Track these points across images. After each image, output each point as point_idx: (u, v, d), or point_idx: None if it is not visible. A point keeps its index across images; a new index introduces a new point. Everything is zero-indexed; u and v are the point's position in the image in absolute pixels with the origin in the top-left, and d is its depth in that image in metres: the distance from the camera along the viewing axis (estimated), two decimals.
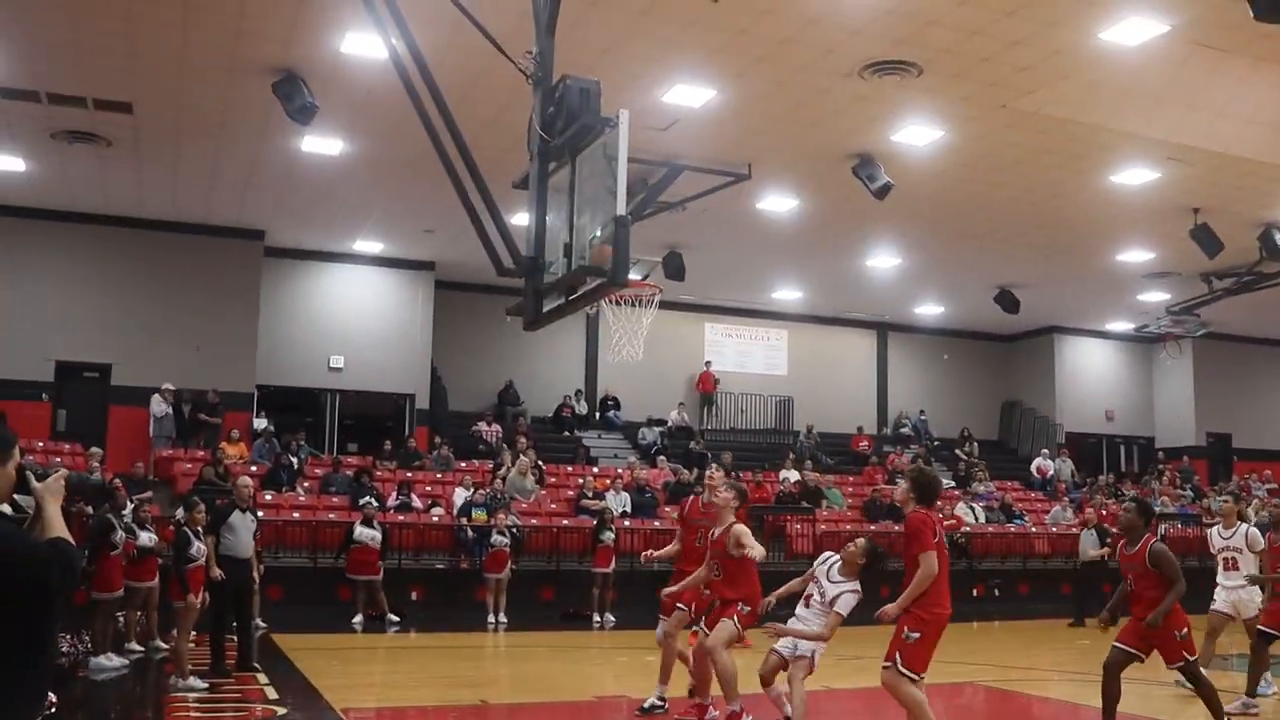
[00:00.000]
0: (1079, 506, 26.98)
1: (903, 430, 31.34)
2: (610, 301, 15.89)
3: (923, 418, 31.88)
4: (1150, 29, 13.43)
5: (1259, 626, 10.81)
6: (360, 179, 19.63)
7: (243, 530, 12.31)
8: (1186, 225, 20.62)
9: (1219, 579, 11.86)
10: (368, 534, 17.91)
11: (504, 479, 21.90)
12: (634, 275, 18.14)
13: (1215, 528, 12.02)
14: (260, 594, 15.29)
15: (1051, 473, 29.90)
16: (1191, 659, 8.49)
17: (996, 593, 23.75)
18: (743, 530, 8.63)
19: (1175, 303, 26.60)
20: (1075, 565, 22.10)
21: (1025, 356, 33.44)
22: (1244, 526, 11.80)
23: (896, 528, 23.53)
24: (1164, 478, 30.65)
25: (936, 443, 31.19)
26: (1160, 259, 24.04)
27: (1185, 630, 8.41)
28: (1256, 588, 11.44)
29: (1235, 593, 11.69)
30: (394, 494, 20.81)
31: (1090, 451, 33.04)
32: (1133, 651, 8.56)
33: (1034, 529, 25.71)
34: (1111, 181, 19.08)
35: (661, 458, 25.77)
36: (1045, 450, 30.70)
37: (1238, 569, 11.69)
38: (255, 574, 12.94)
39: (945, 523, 24.57)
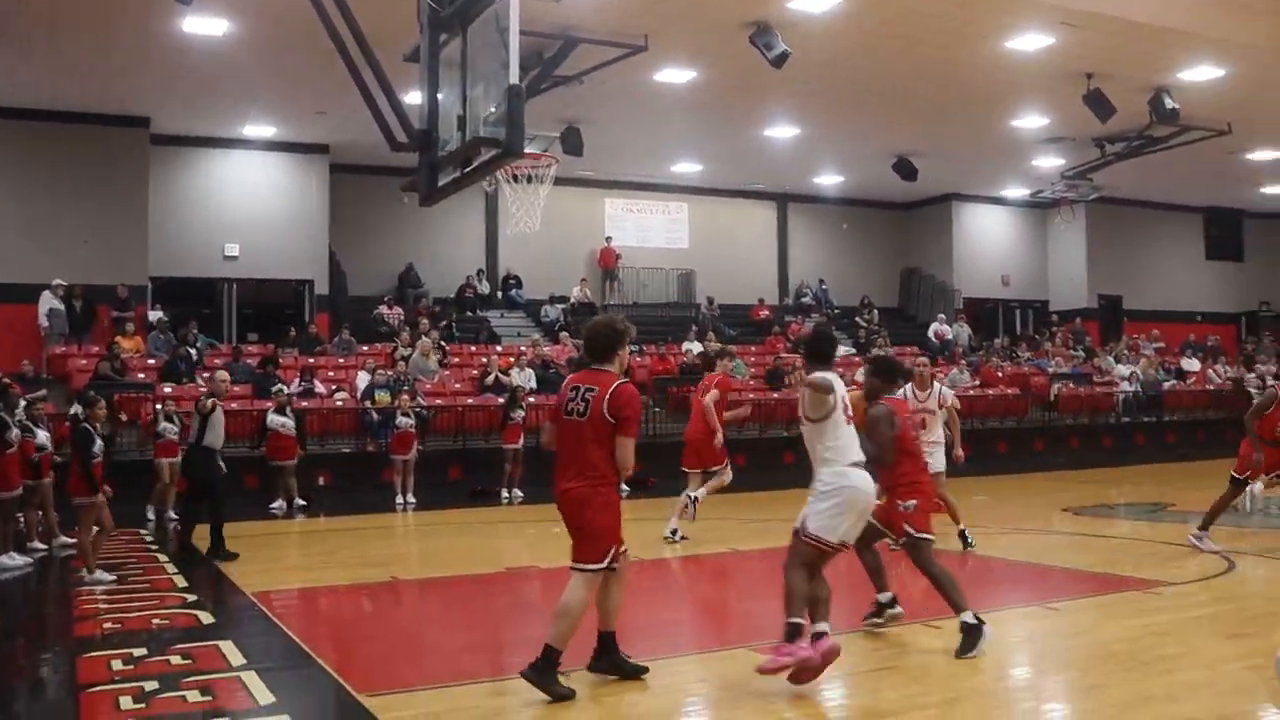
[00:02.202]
0: (976, 369, 27.60)
1: (803, 300, 31.65)
2: (507, 177, 15.82)
3: (823, 287, 32.20)
4: None
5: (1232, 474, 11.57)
6: (246, 60, 19.01)
7: (218, 423, 12.73)
8: (1080, 90, 20.83)
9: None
10: (279, 421, 17.78)
11: (407, 361, 21.79)
12: (532, 150, 18.04)
13: (909, 387, 11.36)
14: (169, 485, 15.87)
15: (949, 337, 30.46)
16: (918, 535, 7.66)
17: None
18: None
19: (1069, 168, 27.02)
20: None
21: (923, 224, 33.83)
22: (937, 387, 11.71)
23: (797, 395, 23.89)
24: (1057, 339, 31.39)
25: (837, 311, 31.58)
26: (1055, 124, 24.30)
27: (913, 503, 7.66)
28: (941, 446, 11.58)
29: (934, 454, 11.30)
30: (297, 380, 20.61)
31: (987, 316, 33.69)
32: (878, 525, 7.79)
33: None
34: (1007, 47, 19.15)
35: (564, 334, 25.80)
36: (942, 315, 31.23)
37: (924, 428, 11.19)
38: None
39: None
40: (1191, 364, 31.18)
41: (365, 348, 23.59)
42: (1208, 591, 9.38)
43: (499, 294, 28.22)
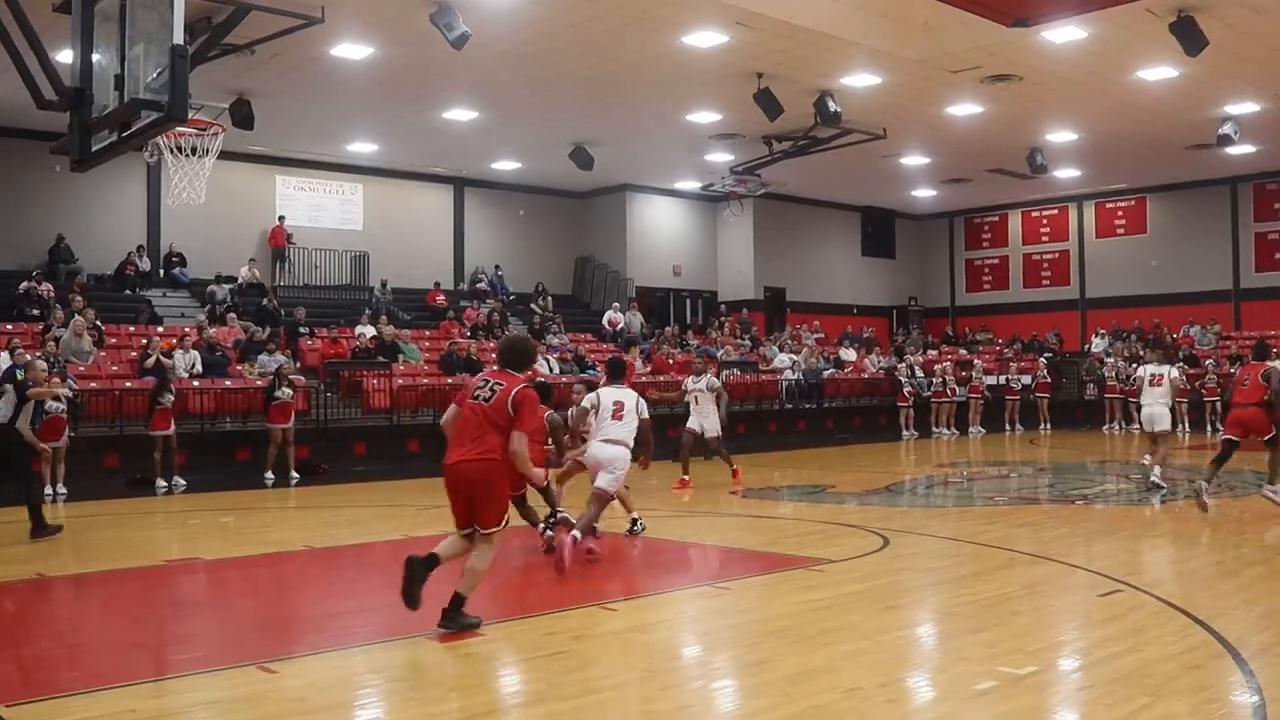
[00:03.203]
0: (648, 356, 28.20)
1: (479, 285, 31.55)
2: (170, 146, 14.98)
3: (499, 272, 32.20)
4: None
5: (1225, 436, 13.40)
6: None
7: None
8: (751, 89, 21.61)
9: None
10: None
11: (58, 342, 20.34)
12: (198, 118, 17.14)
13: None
14: None
15: (622, 324, 31.04)
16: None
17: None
18: None
19: (739, 163, 27.99)
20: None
21: (598, 213, 34.33)
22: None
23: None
24: (725, 329, 32.50)
25: (512, 297, 31.64)
26: (726, 121, 25.09)
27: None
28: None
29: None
30: None
31: (659, 305, 34.52)
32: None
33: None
34: (683, 42, 19.60)
35: (232, 315, 24.74)
36: (616, 304, 31.79)
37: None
38: None
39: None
40: (849, 354, 32.94)
41: (9, 326, 21.86)
42: (865, 568, 9.84)
43: (161, 272, 26.77)
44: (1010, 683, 6.13)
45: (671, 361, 28.32)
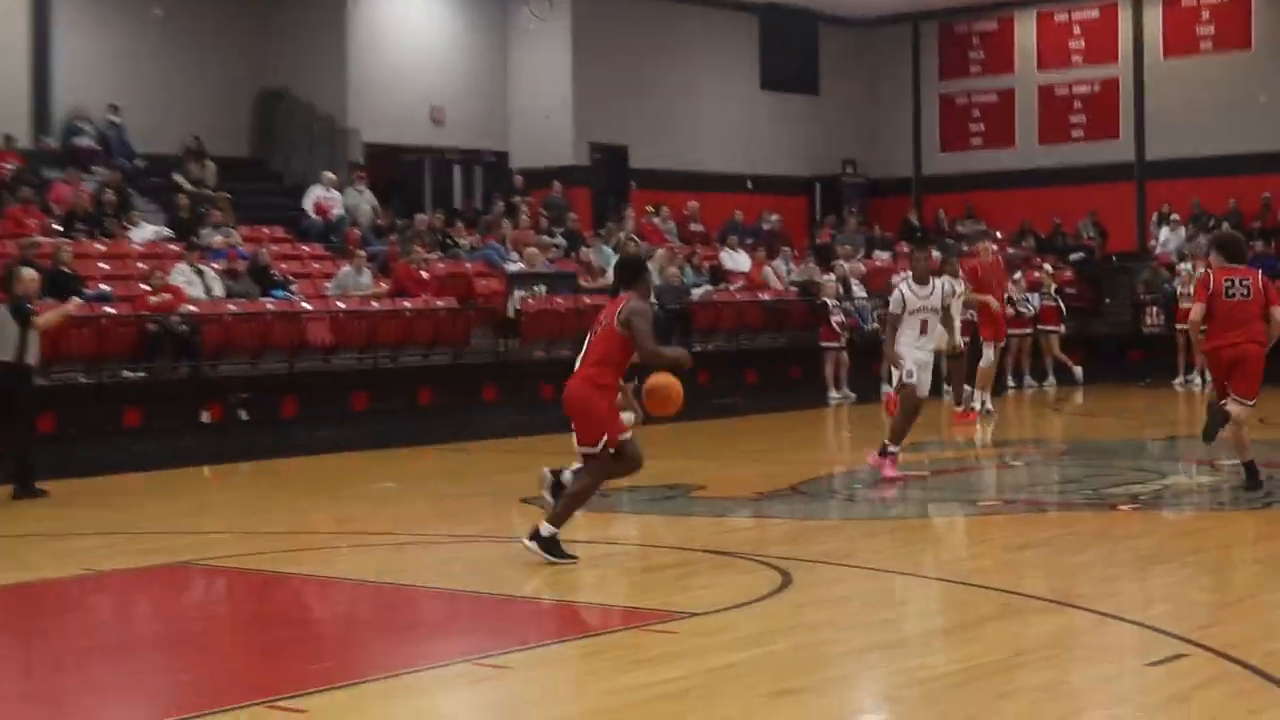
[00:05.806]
0: (383, 266, 27.86)
1: (79, 142, 30.82)
2: None
3: (116, 120, 31.46)
4: None
5: None
6: None
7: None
8: None
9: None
10: None
11: None
12: None
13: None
14: None
15: (339, 211, 30.60)
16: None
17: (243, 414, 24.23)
18: None
19: None
20: None
21: (296, 19, 33.89)
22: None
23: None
24: (522, 216, 32.19)
25: (143, 162, 31.01)
26: None
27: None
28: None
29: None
30: None
31: (408, 176, 34.16)
32: None
33: (308, 305, 25.93)
34: None
35: None
36: (329, 174, 31.30)
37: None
38: None
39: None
40: (738, 259, 32.96)
41: None
42: (749, 623, 9.79)
43: None
44: None
45: (426, 276, 27.90)
